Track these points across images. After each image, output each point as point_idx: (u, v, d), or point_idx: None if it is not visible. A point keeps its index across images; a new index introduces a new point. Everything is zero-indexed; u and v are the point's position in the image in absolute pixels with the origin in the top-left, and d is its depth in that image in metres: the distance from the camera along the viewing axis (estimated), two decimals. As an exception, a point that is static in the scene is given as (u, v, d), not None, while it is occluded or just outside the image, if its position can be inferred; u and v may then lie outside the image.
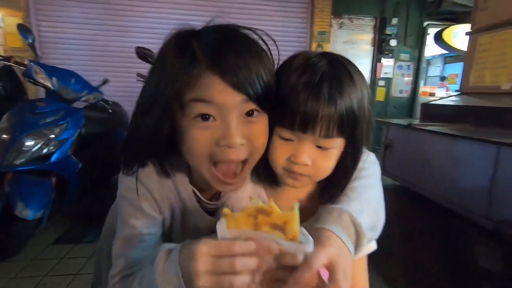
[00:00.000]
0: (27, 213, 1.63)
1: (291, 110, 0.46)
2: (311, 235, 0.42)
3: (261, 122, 0.49)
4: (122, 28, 4.26)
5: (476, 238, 1.91)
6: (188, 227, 0.61)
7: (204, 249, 0.37)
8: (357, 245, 0.49)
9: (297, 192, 0.59)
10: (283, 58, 0.54)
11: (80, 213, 2.44)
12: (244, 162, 0.50)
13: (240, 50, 0.45)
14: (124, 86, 4.19)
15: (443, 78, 6.90)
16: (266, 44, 0.51)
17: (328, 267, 0.40)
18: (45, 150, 1.74)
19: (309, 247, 0.40)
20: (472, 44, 2.86)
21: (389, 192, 0.62)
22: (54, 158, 1.78)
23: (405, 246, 2.05)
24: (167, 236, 0.60)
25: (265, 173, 0.57)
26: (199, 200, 0.59)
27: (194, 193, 0.58)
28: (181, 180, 0.57)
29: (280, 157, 0.50)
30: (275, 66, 0.53)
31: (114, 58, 4.29)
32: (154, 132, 0.48)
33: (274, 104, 0.49)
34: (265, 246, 0.38)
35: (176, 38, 0.49)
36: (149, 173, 0.54)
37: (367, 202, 0.53)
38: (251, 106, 0.46)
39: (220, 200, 0.61)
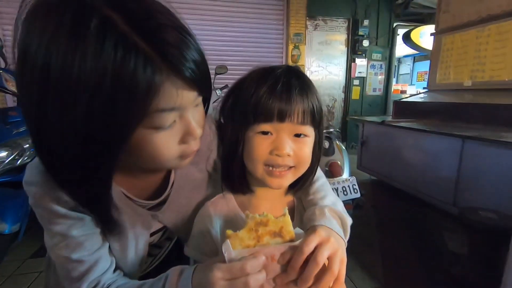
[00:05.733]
0: (3, 227, 1.56)
1: (268, 104, 0.51)
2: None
3: (202, 107, 0.51)
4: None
5: (444, 225, 2.05)
6: (124, 220, 0.56)
7: (218, 275, 0.40)
8: (344, 230, 0.54)
9: (267, 198, 0.61)
10: (263, 59, 0.57)
11: (59, 224, 2.35)
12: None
13: (191, 43, 0.41)
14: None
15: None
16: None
17: (328, 257, 0.43)
18: (19, 161, 1.68)
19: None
20: (436, 44, 3.05)
21: (366, 187, 0.67)
22: (29, 168, 1.72)
23: (382, 236, 2.16)
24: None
25: (235, 182, 0.59)
26: (130, 198, 0.56)
27: (124, 193, 0.56)
28: None
29: (261, 153, 0.53)
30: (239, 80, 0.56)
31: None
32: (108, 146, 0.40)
33: (246, 109, 0.52)
34: (270, 255, 0.42)
35: (76, 16, 0.34)
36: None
37: (334, 196, 0.61)
38: (199, 98, 0.47)
39: (158, 199, 0.59)
